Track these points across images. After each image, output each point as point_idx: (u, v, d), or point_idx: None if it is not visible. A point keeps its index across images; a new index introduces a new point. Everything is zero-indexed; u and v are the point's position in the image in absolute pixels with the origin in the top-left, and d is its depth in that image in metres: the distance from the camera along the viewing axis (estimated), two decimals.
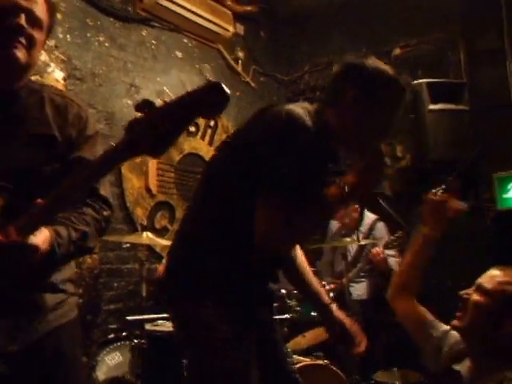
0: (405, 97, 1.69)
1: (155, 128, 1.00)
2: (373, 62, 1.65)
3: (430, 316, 1.80)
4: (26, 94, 1.39)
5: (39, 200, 1.13)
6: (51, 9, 1.40)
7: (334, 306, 1.90)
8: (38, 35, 1.34)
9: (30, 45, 1.33)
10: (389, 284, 2.01)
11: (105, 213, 1.45)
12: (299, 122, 1.50)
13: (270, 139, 1.50)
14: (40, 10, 1.34)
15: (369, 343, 2.09)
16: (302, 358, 3.00)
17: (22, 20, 1.30)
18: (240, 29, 4.99)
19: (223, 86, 0.95)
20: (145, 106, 1.03)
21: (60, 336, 1.38)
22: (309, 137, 1.51)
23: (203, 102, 0.97)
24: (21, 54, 1.30)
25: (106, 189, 1.48)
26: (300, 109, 1.56)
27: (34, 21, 1.33)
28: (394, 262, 3.87)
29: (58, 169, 1.36)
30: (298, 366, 2.76)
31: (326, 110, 1.64)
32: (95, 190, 1.43)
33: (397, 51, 4.89)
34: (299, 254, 1.90)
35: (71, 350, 1.43)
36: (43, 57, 3.27)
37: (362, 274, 3.97)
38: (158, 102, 1.02)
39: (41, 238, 1.21)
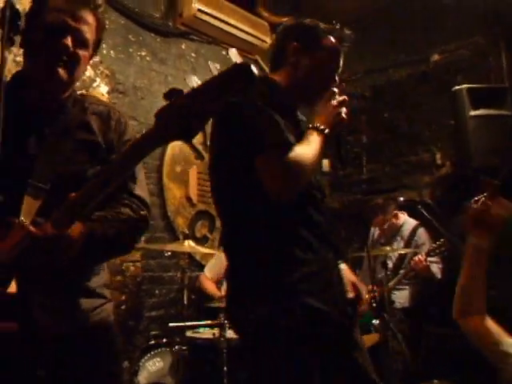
0: (342, 44, 1.86)
1: (184, 112, 1.03)
2: (308, 19, 1.78)
3: (504, 334, 1.72)
4: (71, 103, 1.47)
5: (72, 194, 1.19)
6: (101, 27, 1.45)
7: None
8: (82, 53, 1.39)
9: (74, 63, 1.38)
10: (432, 292, 1.96)
11: (142, 212, 1.47)
12: (242, 101, 1.53)
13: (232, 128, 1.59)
14: (88, 30, 1.40)
15: (411, 353, 2.08)
16: None
17: (68, 41, 1.35)
18: None
19: (250, 65, 0.99)
20: (173, 94, 1.06)
21: (100, 331, 1.43)
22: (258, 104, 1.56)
23: (230, 83, 1.00)
24: (63, 72, 1.36)
25: (142, 189, 1.50)
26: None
27: (80, 41, 1.38)
28: (436, 268, 3.82)
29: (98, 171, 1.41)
30: None
31: (271, 76, 1.75)
32: (132, 189, 1.46)
33: (435, 57, 4.84)
34: None
35: (111, 347, 1.49)
36: (89, 72, 3.42)
37: (405, 281, 3.93)
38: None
39: (76, 232, 1.25)
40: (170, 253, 3.91)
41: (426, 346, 3.93)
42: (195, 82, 1.14)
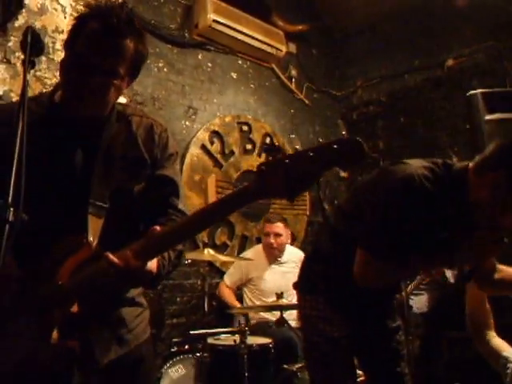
0: None
1: (290, 173, 1.03)
2: None
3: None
4: (114, 118, 1.47)
5: (157, 227, 1.20)
6: (137, 54, 1.41)
7: None
8: (112, 81, 1.36)
9: (103, 93, 1.35)
10: (450, 297, 2.07)
11: None
12: (413, 191, 1.63)
13: (377, 204, 1.73)
14: (119, 62, 1.36)
15: (430, 358, 2.16)
16: (360, 372, 2.98)
17: (96, 81, 1.32)
18: (292, 47, 5.10)
19: (362, 142, 1.03)
20: (273, 150, 1.09)
21: (142, 351, 1.49)
22: (415, 200, 1.63)
23: (340, 155, 1.02)
24: (92, 99, 1.33)
25: (184, 204, 1.53)
26: (422, 170, 1.66)
27: (110, 73, 1.35)
28: (450, 273, 3.81)
29: (143, 187, 1.44)
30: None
31: (473, 173, 1.66)
32: (176, 204, 1.48)
33: (450, 62, 4.84)
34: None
35: (151, 363, 1.56)
36: None
37: (422, 286, 3.92)
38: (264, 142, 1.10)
39: (154, 263, 1.29)
40: (190, 261, 3.95)
41: (449, 350, 3.91)
42: (297, 143, 1.17)
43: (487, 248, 1.67)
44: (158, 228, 1.20)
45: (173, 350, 3.37)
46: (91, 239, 1.31)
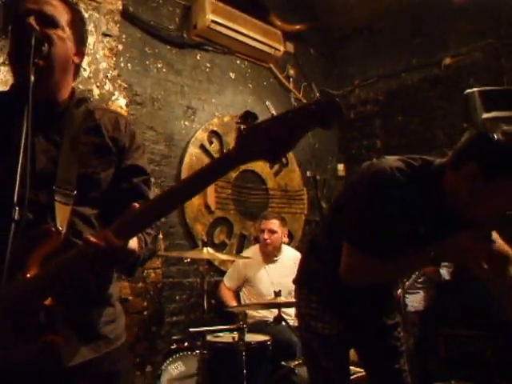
0: None
1: (271, 135, 1.05)
2: (501, 135, 1.53)
3: None
4: (73, 105, 1.44)
5: (136, 204, 1.16)
6: (69, 7, 1.41)
7: None
8: (54, 32, 1.34)
9: (47, 44, 1.31)
10: (446, 294, 2.05)
11: (159, 224, 1.54)
12: (384, 182, 1.65)
13: (354, 199, 1.77)
14: (54, 11, 1.36)
15: (426, 356, 2.16)
16: (357, 369, 3.01)
17: (32, 19, 1.31)
18: (290, 47, 5.13)
19: (338, 102, 1.05)
20: (249, 117, 1.09)
21: (116, 362, 1.44)
22: (394, 193, 1.63)
23: (319, 114, 1.04)
24: (39, 60, 1.28)
25: (154, 195, 1.51)
26: (397, 163, 1.67)
27: (47, 21, 1.34)
28: (445, 270, 3.84)
29: (112, 175, 1.43)
30: (354, 376, 2.79)
31: (447, 170, 1.63)
32: (147, 194, 1.50)
33: (447, 60, 4.86)
34: None
35: (127, 378, 1.50)
36: (108, 85, 3.52)
37: (417, 285, 3.94)
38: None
39: (135, 242, 1.26)
40: (189, 259, 3.99)
41: (445, 348, 3.94)
42: (271, 107, 1.19)
43: (470, 248, 1.60)
44: (136, 205, 1.16)
45: (172, 347, 3.40)
46: (60, 227, 1.26)
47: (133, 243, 1.24)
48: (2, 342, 1.17)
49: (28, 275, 1.20)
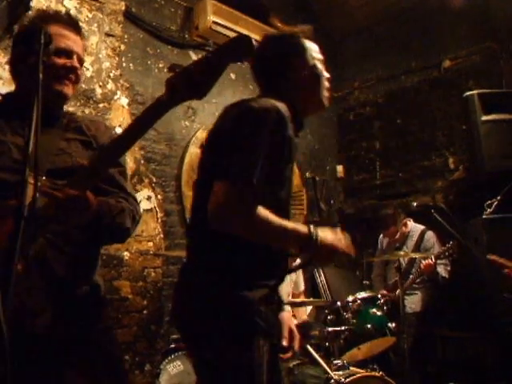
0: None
1: (192, 77, 1.22)
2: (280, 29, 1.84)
3: None
4: (63, 117, 1.67)
5: (86, 162, 1.35)
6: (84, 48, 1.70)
7: None
8: (80, 72, 1.64)
9: (77, 81, 1.63)
10: (444, 296, 2.01)
11: (137, 207, 1.68)
12: (281, 116, 1.49)
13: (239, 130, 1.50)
14: (82, 53, 1.65)
15: (423, 357, 2.12)
16: (357, 370, 3.02)
17: (75, 62, 1.60)
18: None
19: (249, 37, 1.20)
20: (175, 67, 1.26)
21: (107, 335, 1.59)
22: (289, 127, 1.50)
23: (234, 49, 1.21)
24: (67, 89, 1.59)
25: (131, 189, 1.72)
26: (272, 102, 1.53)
27: (80, 62, 1.63)
28: (442, 269, 3.85)
29: None
30: (353, 377, 2.81)
31: (275, 92, 1.63)
32: (124, 188, 1.66)
33: (446, 63, 4.89)
34: None
35: (117, 349, 1.66)
36: (110, 85, 3.54)
37: (415, 286, 3.97)
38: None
39: (91, 196, 1.39)
40: None
41: (443, 349, 3.96)
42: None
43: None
44: (84, 162, 1.36)
45: (172, 346, 3.40)
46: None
47: (89, 196, 1.38)
48: None
49: None
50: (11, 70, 1.62)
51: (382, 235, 4.42)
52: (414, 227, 4.23)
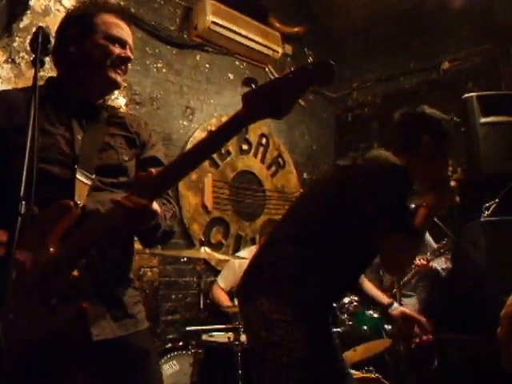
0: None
1: (273, 94, 1.18)
2: (427, 109, 2.00)
3: None
4: (103, 109, 1.64)
5: (152, 170, 1.28)
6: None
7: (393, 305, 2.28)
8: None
9: (125, 71, 1.61)
10: (443, 299, 2.08)
11: (177, 208, 1.66)
12: (401, 173, 1.81)
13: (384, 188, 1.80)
14: (131, 43, 1.62)
15: (421, 360, 2.18)
16: (353, 372, 3.01)
17: (128, 53, 1.58)
18: (288, 49, 5.14)
19: (332, 63, 1.21)
20: (251, 81, 1.23)
21: (146, 343, 1.54)
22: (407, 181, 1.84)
23: (315, 74, 1.20)
24: (120, 78, 1.58)
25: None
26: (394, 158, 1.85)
27: (131, 52, 1.61)
28: (443, 263, 3.84)
29: (135, 165, 1.60)
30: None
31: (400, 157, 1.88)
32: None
33: (445, 65, 4.88)
34: None
35: (156, 359, 1.63)
36: None
37: (412, 288, 3.95)
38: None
39: (157, 206, 1.37)
40: (186, 258, 4.00)
41: (441, 352, 3.94)
42: None
43: None
44: (153, 170, 1.28)
45: (168, 346, 3.41)
46: (78, 202, 1.36)
47: (155, 205, 1.35)
48: (28, 315, 1.23)
49: (51, 249, 1.28)
50: (56, 53, 1.57)
51: None
52: None
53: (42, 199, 1.21)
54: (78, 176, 1.40)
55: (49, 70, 3.28)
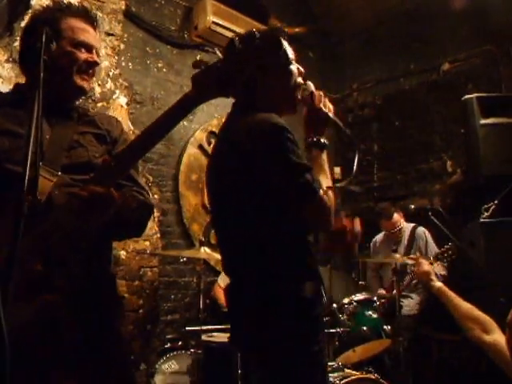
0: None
1: (220, 73, 1.21)
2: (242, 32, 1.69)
3: None
4: (75, 111, 1.64)
5: (106, 157, 1.31)
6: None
7: None
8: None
9: (93, 76, 1.60)
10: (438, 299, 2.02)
11: (152, 201, 1.66)
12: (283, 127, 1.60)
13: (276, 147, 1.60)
14: (99, 47, 1.63)
15: (419, 360, 2.11)
16: (352, 372, 3.01)
17: (95, 57, 1.57)
18: None
19: (280, 37, 1.25)
20: (200, 63, 1.26)
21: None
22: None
23: (262, 47, 1.27)
24: (87, 84, 1.57)
25: (143, 182, 1.68)
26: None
27: (98, 56, 1.61)
28: (441, 269, 3.84)
29: None
30: (348, 379, 2.80)
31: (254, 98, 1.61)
32: (137, 182, 1.62)
33: (446, 66, 4.89)
34: None
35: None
36: (109, 85, 3.53)
37: (412, 288, 3.96)
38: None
39: (114, 192, 1.33)
40: (185, 258, 4.01)
41: (439, 352, 3.95)
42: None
43: None
44: (107, 157, 1.31)
45: (167, 346, 3.41)
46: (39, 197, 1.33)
47: (115, 194, 1.33)
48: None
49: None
50: (23, 59, 1.59)
51: (375, 238, 4.43)
52: (405, 225, 4.24)
53: (8, 198, 1.23)
54: (42, 173, 1.37)
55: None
